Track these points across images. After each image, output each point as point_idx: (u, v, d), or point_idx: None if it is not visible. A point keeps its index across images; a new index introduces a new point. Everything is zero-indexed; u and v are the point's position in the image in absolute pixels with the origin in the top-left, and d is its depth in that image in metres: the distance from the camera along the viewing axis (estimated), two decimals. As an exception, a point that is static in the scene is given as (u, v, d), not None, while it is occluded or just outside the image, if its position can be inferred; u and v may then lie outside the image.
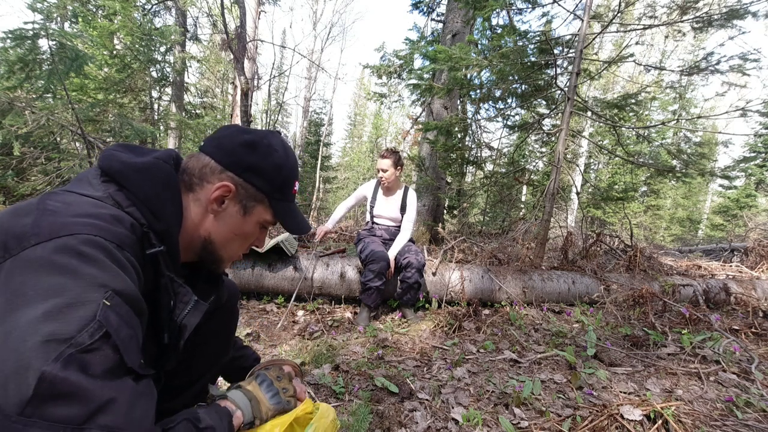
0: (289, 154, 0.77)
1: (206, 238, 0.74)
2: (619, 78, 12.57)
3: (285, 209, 0.78)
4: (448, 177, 5.99)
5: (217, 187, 0.70)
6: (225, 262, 0.79)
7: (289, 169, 0.77)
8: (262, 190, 0.74)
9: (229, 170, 0.72)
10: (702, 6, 3.66)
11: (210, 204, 0.72)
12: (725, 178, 11.84)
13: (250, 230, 0.76)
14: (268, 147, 0.74)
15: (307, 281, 2.63)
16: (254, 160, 0.72)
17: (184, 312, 0.68)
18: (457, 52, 3.59)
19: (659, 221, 14.60)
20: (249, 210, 0.74)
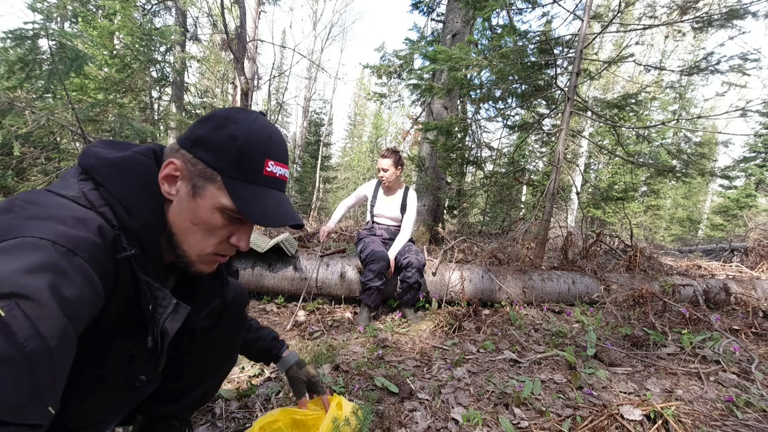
0: (256, 127, 0.64)
1: (170, 231, 0.65)
2: (619, 78, 12.56)
3: (244, 191, 0.63)
4: (448, 177, 5.99)
5: (164, 165, 0.63)
6: (195, 262, 0.67)
7: (252, 143, 0.63)
8: (212, 166, 0.62)
9: (182, 147, 0.64)
10: (702, 6, 3.66)
11: (161, 186, 0.63)
12: (725, 178, 11.85)
13: (207, 218, 0.63)
14: (226, 119, 0.64)
15: (310, 281, 2.63)
16: (204, 132, 0.63)
17: (164, 316, 0.64)
18: (457, 52, 3.59)
19: (659, 221, 14.60)
20: (199, 191, 0.62)
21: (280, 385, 1.55)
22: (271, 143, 0.65)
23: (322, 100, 19.85)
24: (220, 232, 0.65)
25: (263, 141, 0.64)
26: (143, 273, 0.60)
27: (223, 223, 0.64)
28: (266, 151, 0.64)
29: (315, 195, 13.92)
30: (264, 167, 0.64)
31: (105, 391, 0.66)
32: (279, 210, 0.66)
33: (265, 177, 0.65)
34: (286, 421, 1.03)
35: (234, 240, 0.67)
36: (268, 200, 0.65)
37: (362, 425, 1.08)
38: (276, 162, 0.66)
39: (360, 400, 1.45)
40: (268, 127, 0.66)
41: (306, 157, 16.56)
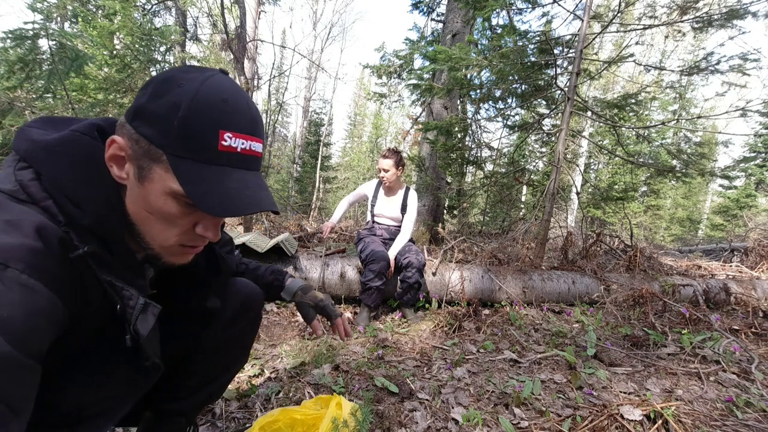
0: (206, 90, 0.51)
1: (129, 219, 0.57)
2: (619, 78, 12.56)
3: (194, 173, 0.51)
4: (448, 177, 5.99)
5: (108, 144, 0.53)
6: (161, 254, 0.59)
7: (199, 111, 0.50)
8: (155, 143, 0.50)
9: (127, 122, 0.53)
10: (702, 6, 3.66)
11: (111, 170, 0.54)
12: (725, 178, 11.84)
13: (161, 206, 0.53)
14: (167, 81, 0.51)
15: (313, 282, 2.63)
16: (143, 100, 0.51)
17: (134, 317, 0.56)
18: (457, 52, 3.59)
19: (659, 221, 14.60)
20: (145, 173, 0.52)
21: (280, 385, 1.55)
22: (227, 109, 0.52)
23: (322, 100, 19.86)
24: (179, 221, 0.55)
25: (215, 107, 0.51)
26: (104, 272, 0.53)
27: (181, 211, 0.54)
28: (219, 119, 0.51)
29: (315, 195, 13.92)
30: (218, 141, 0.51)
31: (106, 381, 0.64)
32: (242, 195, 0.53)
33: (221, 153, 0.52)
34: (286, 421, 1.03)
35: (200, 230, 0.57)
36: (227, 182, 0.52)
37: (361, 426, 1.08)
38: (235, 133, 0.52)
39: (360, 400, 1.45)
40: (222, 89, 0.52)
41: (306, 157, 16.56)
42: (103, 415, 0.66)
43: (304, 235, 3.75)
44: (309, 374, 1.65)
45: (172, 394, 0.90)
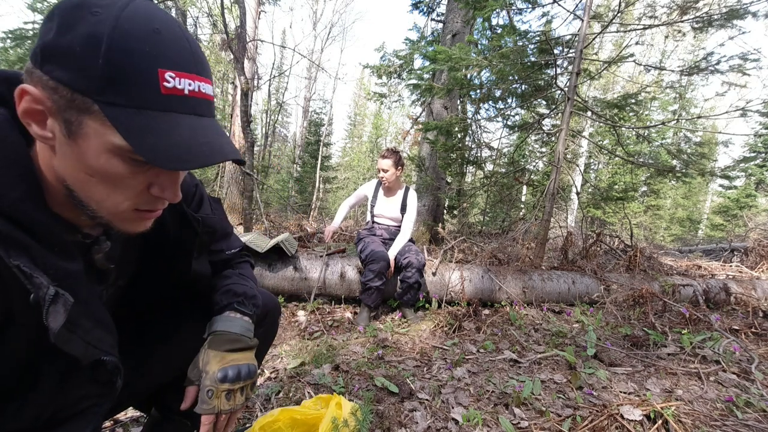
0: (126, 17, 0.40)
1: (66, 186, 0.46)
2: (619, 78, 12.57)
3: (136, 121, 0.41)
4: (448, 177, 5.99)
5: (17, 97, 0.42)
6: (112, 221, 0.49)
7: (129, 43, 0.40)
8: (78, 89, 0.40)
9: (36, 66, 0.41)
10: (702, 6, 3.66)
11: (30, 129, 0.44)
12: (725, 178, 11.86)
13: (102, 165, 0.43)
14: (77, 8, 0.40)
15: (315, 282, 2.63)
16: (51, 37, 0.40)
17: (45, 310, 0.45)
18: (457, 52, 3.59)
19: (659, 221, 14.61)
20: (74, 128, 0.42)
21: (280, 385, 1.55)
22: (161, 42, 0.42)
23: (322, 100, 19.87)
24: (129, 182, 0.46)
25: (145, 39, 0.41)
26: (13, 254, 0.42)
27: (129, 170, 0.45)
28: (155, 55, 0.41)
29: (315, 195, 13.93)
30: (159, 82, 0.42)
31: (81, 377, 0.57)
32: (198, 143, 0.45)
33: (165, 97, 0.42)
34: (286, 421, 1.03)
35: (155, 191, 0.48)
36: (178, 130, 0.43)
37: (361, 426, 1.08)
38: (178, 72, 0.43)
39: (360, 400, 1.45)
40: (150, 16, 0.42)
41: (306, 157, 16.57)
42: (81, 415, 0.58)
43: (304, 235, 3.75)
44: (309, 374, 1.65)
45: (181, 395, 0.89)
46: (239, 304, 0.78)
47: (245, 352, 0.74)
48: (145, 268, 0.73)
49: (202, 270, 0.79)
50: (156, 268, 0.74)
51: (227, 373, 0.69)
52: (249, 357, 0.74)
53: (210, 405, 0.68)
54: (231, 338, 0.73)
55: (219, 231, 0.81)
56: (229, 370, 0.69)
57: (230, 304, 0.78)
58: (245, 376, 0.71)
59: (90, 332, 0.53)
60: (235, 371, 0.70)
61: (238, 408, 0.71)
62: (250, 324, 0.79)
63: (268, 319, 0.91)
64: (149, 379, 0.81)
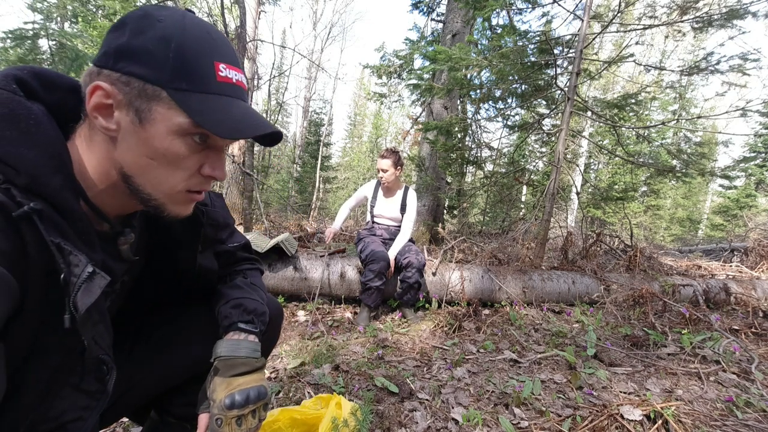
0: (189, 24, 0.51)
1: (123, 173, 0.53)
2: (619, 78, 12.57)
3: (202, 103, 0.50)
4: (448, 177, 5.99)
5: (89, 93, 0.49)
6: (165, 204, 0.55)
7: (193, 42, 0.50)
8: (150, 80, 0.48)
9: (104, 68, 0.49)
10: (702, 6, 3.66)
11: (95, 121, 0.50)
12: (725, 178, 11.84)
13: (166, 147, 0.51)
14: (144, 17, 0.49)
15: (316, 282, 2.63)
16: (124, 40, 0.48)
17: (76, 287, 0.47)
18: (457, 52, 3.59)
19: (659, 221, 14.61)
20: (145, 115, 0.49)
21: (280, 385, 1.55)
22: (214, 41, 0.52)
23: (322, 100, 19.87)
24: (186, 162, 0.53)
25: (204, 39, 0.51)
26: (52, 233, 0.46)
27: (188, 151, 0.52)
28: (212, 51, 0.51)
29: (315, 195, 13.93)
30: (215, 72, 0.51)
31: (65, 386, 0.54)
32: (249, 119, 0.53)
33: (219, 83, 0.52)
34: (286, 421, 1.03)
35: (207, 170, 0.56)
36: (233, 110, 0.52)
37: (361, 425, 1.08)
38: (228, 65, 0.53)
39: (360, 400, 1.45)
40: (203, 23, 0.53)
41: (306, 157, 16.57)
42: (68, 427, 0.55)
43: (304, 235, 3.75)
44: (309, 374, 1.65)
45: (180, 398, 0.86)
46: (246, 322, 0.77)
47: (252, 375, 0.73)
48: (149, 263, 0.73)
49: (208, 265, 0.80)
50: (161, 263, 0.73)
51: (234, 399, 0.68)
52: (257, 378, 0.73)
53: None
54: (236, 363, 0.72)
55: (222, 223, 0.82)
56: (237, 395, 0.68)
57: (235, 323, 0.76)
58: (254, 399, 0.70)
59: (96, 326, 0.54)
60: (243, 396, 0.69)
61: (251, 431, 0.70)
62: (256, 343, 0.77)
63: (271, 325, 0.89)
64: (148, 384, 0.79)
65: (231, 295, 0.80)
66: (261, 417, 0.72)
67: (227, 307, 0.78)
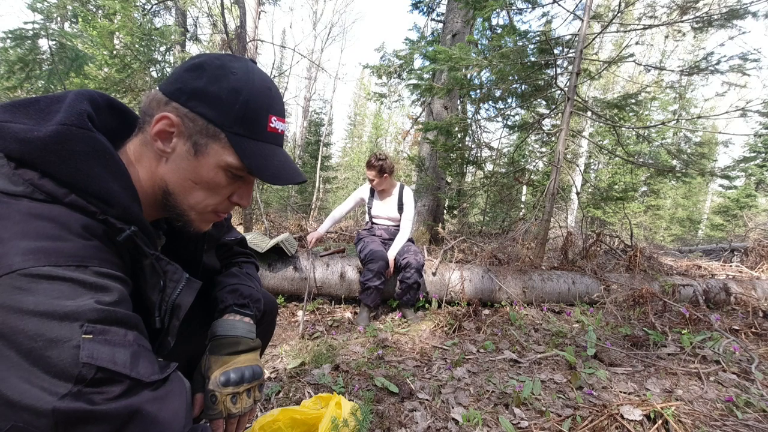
0: (256, 79, 0.59)
1: (164, 189, 0.61)
2: (619, 78, 12.56)
3: (252, 149, 0.59)
4: (448, 177, 5.99)
5: (157, 120, 0.57)
6: (194, 221, 0.64)
7: (256, 96, 0.59)
8: (215, 122, 0.57)
9: (174, 100, 0.57)
10: (702, 6, 3.66)
11: (154, 143, 0.58)
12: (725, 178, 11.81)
13: (211, 177, 0.60)
14: (221, 68, 0.58)
15: (309, 281, 2.63)
16: (200, 84, 0.56)
17: (177, 291, 0.60)
18: (457, 52, 3.59)
19: (659, 221, 14.60)
20: (201, 149, 0.58)
21: (280, 385, 1.55)
22: (272, 96, 0.62)
23: (322, 100, 19.87)
24: (223, 191, 0.63)
25: (265, 94, 0.60)
26: (150, 248, 0.56)
27: (227, 182, 0.61)
28: (269, 105, 0.61)
29: (315, 195, 13.93)
30: (268, 123, 0.61)
31: None
32: (287, 167, 0.63)
33: (269, 133, 0.62)
34: (286, 421, 1.03)
35: (236, 198, 0.65)
36: (275, 157, 0.62)
37: (361, 425, 1.08)
38: (278, 117, 0.63)
39: (360, 400, 1.45)
40: (266, 79, 0.62)
41: (306, 157, 16.56)
42: None
43: (304, 235, 3.75)
44: (309, 374, 1.65)
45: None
46: (241, 306, 0.80)
47: (248, 354, 0.75)
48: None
49: (211, 263, 0.84)
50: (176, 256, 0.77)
51: (230, 377, 0.70)
52: (252, 358, 0.75)
53: (216, 410, 0.69)
54: (232, 341, 0.74)
55: (223, 221, 0.87)
56: (232, 373, 0.70)
57: (231, 305, 0.79)
58: (249, 378, 0.72)
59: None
60: (238, 374, 0.71)
61: (246, 410, 0.71)
62: (252, 325, 0.80)
63: (266, 318, 0.92)
64: None
65: (226, 282, 0.84)
66: (256, 397, 0.74)
67: (223, 292, 0.81)
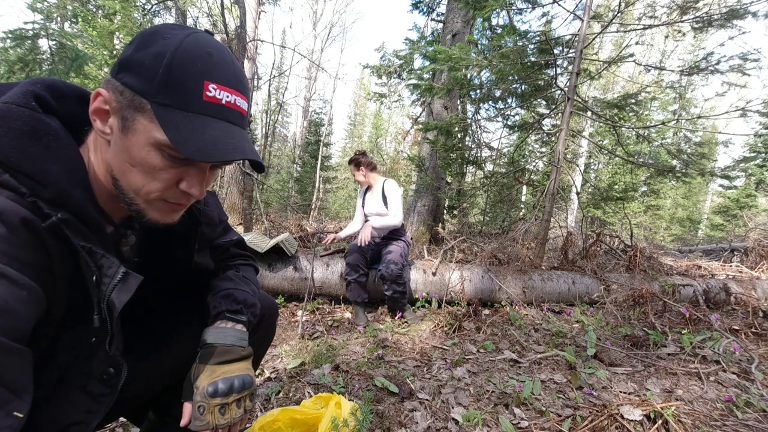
0: (189, 42, 0.51)
1: (112, 175, 0.55)
2: (619, 78, 12.56)
3: (179, 121, 0.50)
4: (448, 177, 5.99)
5: (93, 98, 0.52)
6: (144, 208, 0.56)
7: (183, 60, 0.50)
8: (139, 92, 0.50)
9: (111, 76, 0.53)
10: (702, 6, 3.66)
11: (94, 124, 0.53)
12: (725, 178, 11.82)
13: (143, 157, 0.52)
14: (153, 35, 0.52)
15: (315, 282, 2.63)
16: (129, 52, 0.51)
17: (110, 287, 0.53)
18: (457, 52, 3.59)
19: (659, 221, 14.60)
20: (128, 124, 0.51)
21: (280, 385, 1.55)
22: (211, 62, 0.52)
23: (322, 100, 19.87)
24: (162, 175, 0.54)
25: (199, 58, 0.51)
26: (80, 239, 0.50)
27: (164, 164, 0.53)
28: (204, 70, 0.51)
29: (315, 195, 13.94)
30: (203, 91, 0.51)
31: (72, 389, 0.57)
32: (224, 142, 0.52)
33: (205, 103, 0.52)
34: (286, 421, 1.03)
35: (184, 186, 0.56)
36: (210, 131, 0.52)
37: (361, 425, 1.08)
38: (220, 85, 0.52)
39: (360, 400, 1.45)
40: (207, 43, 0.53)
41: (306, 157, 16.56)
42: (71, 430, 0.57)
43: (304, 235, 3.75)
44: (309, 374, 1.65)
45: (178, 398, 0.87)
46: (234, 312, 0.76)
47: (238, 363, 0.72)
48: (147, 263, 0.73)
49: (204, 263, 0.80)
50: (158, 263, 0.74)
51: (218, 387, 0.67)
52: (242, 368, 0.72)
53: (203, 421, 0.66)
54: (221, 350, 0.71)
55: (216, 221, 0.83)
56: (220, 383, 0.68)
57: (223, 312, 0.76)
58: (238, 388, 0.69)
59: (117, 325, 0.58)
60: (226, 384, 0.68)
61: (235, 421, 0.69)
62: (244, 332, 0.76)
63: (265, 323, 0.89)
64: (144, 385, 0.78)
65: (221, 287, 0.80)
66: (246, 407, 0.71)
67: (216, 297, 0.78)
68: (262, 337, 0.91)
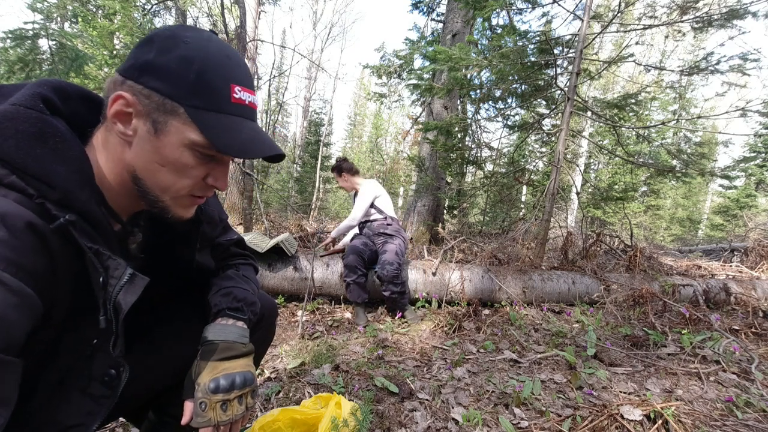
0: (212, 47, 0.54)
1: (134, 175, 0.56)
2: (619, 78, 12.56)
3: (215, 122, 0.54)
4: (448, 177, 5.99)
5: (112, 101, 0.53)
6: (170, 207, 0.59)
7: (213, 65, 0.53)
8: (170, 96, 0.52)
9: (128, 79, 0.53)
10: (702, 6, 3.66)
11: (114, 126, 0.54)
12: (725, 178, 11.81)
13: (176, 157, 0.55)
14: (171, 38, 0.53)
15: (315, 282, 2.63)
16: (150, 57, 0.52)
17: (117, 288, 0.53)
18: (457, 52, 3.59)
19: (659, 221, 14.60)
20: (161, 127, 0.53)
21: (280, 385, 1.55)
22: (232, 65, 0.56)
23: (322, 100, 19.86)
24: (193, 172, 0.57)
25: (223, 63, 0.55)
26: (87, 240, 0.50)
27: (196, 162, 0.56)
28: (229, 74, 0.55)
29: (315, 195, 13.93)
30: (231, 93, 0.55)
31: (72, 391, 0.57)
32: (257, 140, 0.57)
33: (233, 105, 0.56)
34: (286, 421, 1.03)
35: (210, 180, 0.60)
36: (243, 130, 0.56)
37: (361, 425, 1.08)
38: (242, 87, 0.57)
39: (360, 400, 1.45)
40: (224, 46, 0.56)
41: (306, 157, 16.56)
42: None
43: (304, 235, 3.75)
44: (309, 374, 1.65)
45: (178, 398, 0.86)
46: (234, 309, 0.77)
47: (239, 359, 0.72)
48: (150, 262, 0.73)
49: (205, 262, 0.81)
50: (160, 261, 0.74)
51: (219, 383, 0.68)
52: (244, 364, 0.72)
53: (205, 417, 0.67)
54: (223, 347, 0.72)
55: (216, 220, 0.84)
56: (222, 379, 0.68)
57: (224, 309, 0.76)
58: (240, 384, 0.69)
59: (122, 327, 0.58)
60: (228, 380, 0.68)
61: (237, 418, 0.69)
62: (245, 329, 0.77)
63: (264, 323, 0.89)
64: (144, 385, 0.78)
65: (221, 285, 0.81)
66: (248, 404, 0.71)
67: (217, 295, 0.78)
68: (262, 336, 0.91)
